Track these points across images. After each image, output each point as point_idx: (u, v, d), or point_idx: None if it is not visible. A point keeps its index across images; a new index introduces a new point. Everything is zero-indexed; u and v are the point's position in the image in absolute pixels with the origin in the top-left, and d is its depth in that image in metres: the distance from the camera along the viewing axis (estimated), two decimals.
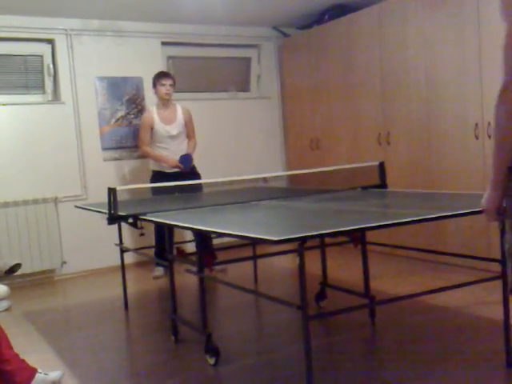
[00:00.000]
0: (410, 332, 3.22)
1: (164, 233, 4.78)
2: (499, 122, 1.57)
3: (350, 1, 5.50)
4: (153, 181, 5.00)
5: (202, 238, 4.65)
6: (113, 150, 5.57)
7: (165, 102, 5.04)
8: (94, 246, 5.46)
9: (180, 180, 4.31)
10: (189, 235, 5.04)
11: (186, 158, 5.02)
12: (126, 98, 5.63)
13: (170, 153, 5.00)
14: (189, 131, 5.16)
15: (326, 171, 4.08)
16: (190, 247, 5.21)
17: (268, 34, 6.39)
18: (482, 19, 4.13)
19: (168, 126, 5.01)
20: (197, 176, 5.06)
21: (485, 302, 3.56)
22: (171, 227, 3.26)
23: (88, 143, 5.47)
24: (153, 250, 4.96)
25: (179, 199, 4.05)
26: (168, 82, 4.99)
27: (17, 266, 4.65)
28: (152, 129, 5.01)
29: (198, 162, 5.60)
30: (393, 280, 4.34)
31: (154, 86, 5.05)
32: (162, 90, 4.97)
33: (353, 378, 2.67)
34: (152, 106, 5.17)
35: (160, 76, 5.03)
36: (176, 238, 4.82)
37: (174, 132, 5.03)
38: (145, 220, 3.07)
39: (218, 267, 5.04)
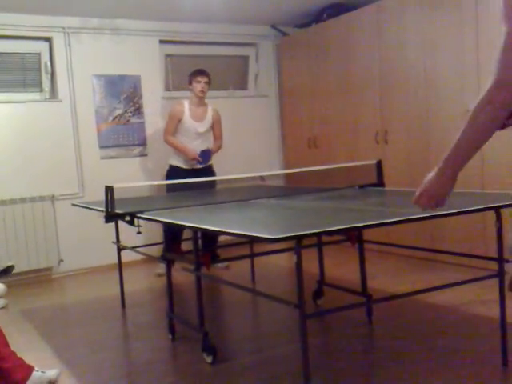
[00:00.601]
0: (407, 330, 3.22)
1: (173, 231, 4.83)
2: (481, 120, 1.45)
3: None
4: (169, 175, 5.07)
5: (206, 236, 4.70)
6: (110, 148, 5.57)
7: (199, 99, 5.07)
8: (91, 244, 5.46)
9: (195, 177, 4.38)
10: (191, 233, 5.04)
11: (206, 153, 5.08)
12: (124, 96, 5.62)
13: (192, 148, 5.04)
14: (216, 132, 5.23)
15: (323, 170, 4.08)
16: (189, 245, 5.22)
17: (266, 32, 6.39)
18: (480, 18, 4.13)
19: (197, 123, 5.05)
20: (212, 174, 5.10)
21: (482, 300, 3.56)
22: (173, 226, 3.26)
23: (85, 141, 5.46)
24: (150, 248, 4.94)
25: (177, 197, 4.05)
26: (203, 79, 5.03)
27: (10, 268, 4.63)
28: (180, 121, 5.04)
29: None
30: (390, 278, 4.35)
31: (190, 82, 5.08)
32: (198, 87, 5.01)
33: (350, 376, 2.67)
34: (185, 100, 5.17)
35: (196, 73, 5.06)
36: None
37: (202, 130, 5.07)
38: (142, 218, 3.06)
39: (220, 264, 5.06)
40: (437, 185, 1.62)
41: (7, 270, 4.61)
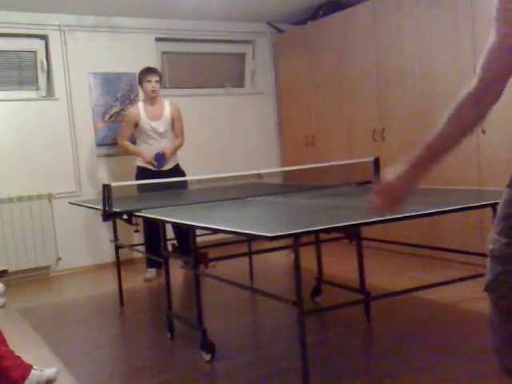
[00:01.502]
0: (405, 327, 3.23)
1: (155, 230, 4.75)
2: (465, 118, 1.39)
3: None
4: (137, 177, 4.89)
5: (183, 234, 4.63)
6: (107, 147, 5.56)
7: (151, 99, 4.89)
8: (89, 242, 5.45)
9: (164, 178, 4.28)
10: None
11: (159, 157, 4.86)
12: (120, 94, 5.61)
13: (154, 150, 4.87)
14: (176, 129, 5.00)
15: (320, 167, 4.09)
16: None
17: (262, 29, 6.38)
18: (476, 14, 4.13)
19: (154, 123, 4.87)
20: (181, 174, 4.92)
21: (479, 297, 3.57)
22: (164, 224, 3.25)
23: (82, 139, 5.45)
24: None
25: (173, 196, 4.04)
26: (154, 78, 4.85)
27: (2, 273, 4.60)
28: (137, 125, 4.88)
29: (193, 158, 5.61)
30: (388, 276, 4.35)
31: (140, 82, 4.93)
32: (148, 86, 4.83)
33: (348, 373, 2.67)
34: (138, 102, 5.06)
35: (146, 72, 4.88)
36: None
37: (161, 129, 4.89)
38: (139, 216, 3.06)
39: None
40: (401, 186, 1.50)
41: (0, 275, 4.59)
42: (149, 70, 4.90)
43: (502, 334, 1.55)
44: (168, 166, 4.94)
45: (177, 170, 4.96)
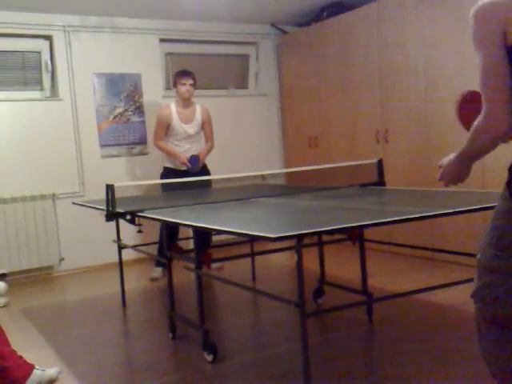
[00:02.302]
0: (408, 329, 3.23)
1: (170, 230, 4.78)
2: (478, 144, 1.60)
3: None
4: (163, 177, 4.97)
5: (201, 234, 4.66)
6: (111, 147, 5.57)
7: (185, 101, 4.94)
8: (92, 242, 5.46)
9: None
10: (187, 232, 5.05)
11: (194, 159, 4.94)
12: (124, 94, 5.62)
13: (184, 151, 4.95)
14: (206, 132, 5.10)
15: (324, 169, 4.08)
16: (188, 244, 5.23)
17: (266, 31, 6.38)
18: None
19: (186, 126, 4.94)
20: (207, 174, 4.98)
21: None
22: (173, 225, 3.26)
23: (86, 140, 5.46)
24: (151, 246, 4.94)
25: (178, 196, 4.05)
26: (189, 81, 4.89)
27: (2, 276, 4.60)
28: (169, 126, 4.93)
29: None
30: (390, 277, 4.35)
31: (175, 84, 4.96)
32: (183, 89, 4.88)
33: (350, 374, 2.67)
34: (171, 103, 5.04)
35: (180, 75, 4.93)
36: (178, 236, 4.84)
37: (192, 132, 4.97)
38: (143, 217, 3.07)
39: (214, 265, 5.05)
40: (454, 170, 1.81)
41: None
42: (184, 73, 4.94)
43: (487, 340, 1.55)
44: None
45: (204, 171, 5.04)
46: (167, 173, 4.99)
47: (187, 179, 4.46)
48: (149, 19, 5.68)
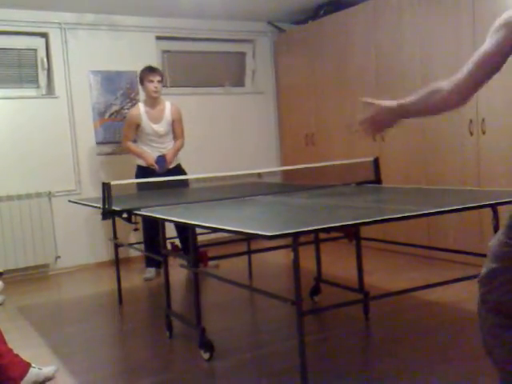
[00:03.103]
0: (404, 327, 3.23)
1: (155, 229, 4.71)
2: (431, 103, 1.65)
3: None
4: (137, 176, 4.89)
5: (183, 232, 4.61)
6: (107, 145, 5.56)
7: (153, 99, 4.80)
8: (88, 240, 5.45)
9: (164, 177, 4.25)
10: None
11: (161, 160, 4.83)
12: (121, 92, 5.61)
13: (155, 151, 4.84)
14: (176, 130, 4.93)
15: (320, 167, 4.08)
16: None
17: (263, 28, 6.38)
18: (477, 14, 4.13)
19: (155, 125, 4.81)
20: (182, 173, 4.90)
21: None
22: (164, 222, 3.25)
23: (82, 137, 5.45)
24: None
25: (173, 195, 4.04)
26: (156, 78, 4.74)
27: None
28: (138, 126, 4.82)
29: (192, 157, 5.61)
30: (387, 275, 4.36)
31: (142, 82, 4.82)
32: (150, 86, 4.73)
33: (347, 372, 2.67)
34: (140, 102, 4.97)
35: (147, 72, 4.77)
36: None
37: (162, 131, 4.85)
38: (139, 215, 3.06)
39: (210, 263, 5.04)
40: (384, 118, 1.86)
41: None
42: (150, 70, 4.80)
43: (489, 328, 1.58)
44: (171, 165, 4.93)
45: (178, 170, 4.93)
46: (140, 171, 4.91)
47: (182, 177, 4.46)
48: (145, 17, 5.66)
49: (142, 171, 4.87)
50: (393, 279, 4.22)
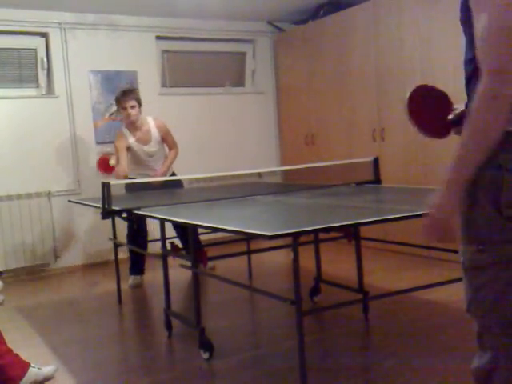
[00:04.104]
0: (404, 327, 3.23)
1: (138, 233, 4.60)
2: (488, 120, 1.20)
3: None
4: (127, 188, 4.62)
5: (186, 232, 4.58)
6: (107, 145, 5.55)
7: (134, 124, 4.48)
8: (88, 240, 5.45)
9: (163, 189, 4.22)
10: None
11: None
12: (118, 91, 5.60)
13: (147, 170, 4.61)
14: (169, 144, 4.69)
15: (320, 167, 4.09)
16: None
17: (263, 28, 6.38)
18: None
19: (145, 147, 4.56)
20: (177, 180, 4.72)
21: None
22: (164, 222, 3.25)
23: (82, 137, 5.45)
24: (148, 244, 4.93)
25: (172, 195, 4.04)
26: (128, 103, 4.39)
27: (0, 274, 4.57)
28: (129, 149, 4.52)
29: (192, 157, 5.61)
30: (386, 275, 4.35)
31: (118, 108, 4.59)
32: (124, 114, 4.45)
33: (346, 372, 2.67)
34: (123, 128, 4.60)
35: (119, 98, 4.45)
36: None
37: (153, 151, 4.59)
38: (139, 215, 3.06)
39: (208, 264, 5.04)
40: (445, 203, 1.32)
41: None
42: (122, 95, 4.45)
43: (497, 350, 1.42)
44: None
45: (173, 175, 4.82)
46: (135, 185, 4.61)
47: (178, 177, 4.46)
48: (145, 17, 5.66)
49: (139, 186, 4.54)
50: (392, 279, 4.22)
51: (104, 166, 5.34)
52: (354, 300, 3.27)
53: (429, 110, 1.62)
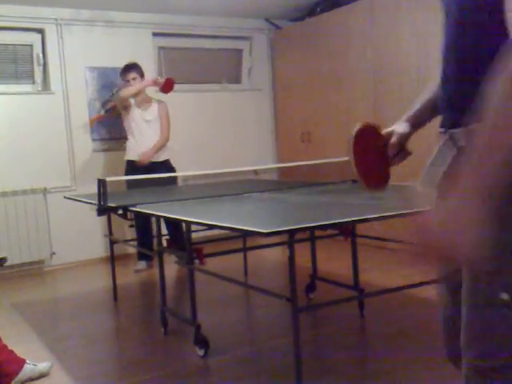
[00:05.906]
0: (399, 324, 3.24)
1: (147, 225, 4.74)
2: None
3: None
4: (126, 172, 4.90)
5: (174, 228, 4.65)
6: (103, 141, 5.54)
7: (138, 97, 4.93)
8: (83, 237, 5.44)
9: (152, 173, 4.27)
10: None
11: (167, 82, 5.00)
12: (116, 88, 5.58)
13: (140, 141, 4.93)
14: (162, 125, 4.97)
15: (316, 164, 4.09)
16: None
17: (260, 25, 6.37)
18: None
19: (144, 112, 4.94)
20: (170, 170, 4.91)
21: None
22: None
23: (78, 134, 5.43)
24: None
25: (167, 191, 4.04)
26: (130, 76, 4.89)
27: (2, 260, 4.59)
28: (127, 109, 4.95)
29: (189, 154, 5.61)
30: (382, 273, 4.36)
31: (123, 82, 5.00)
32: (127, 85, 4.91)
33: (341, 369, 2.68)
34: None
35: (121, 72, 4.95)
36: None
37: (148, 118, 4.94)
38: (135, 211, 3.06)
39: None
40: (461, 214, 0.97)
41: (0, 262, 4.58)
42: (124, 69, 4.93)
43: None
44: (158, 159, 4.93)
45: (166, 165, 4.94)
46: (129, 166, 4.95)
47: (173, 174, 4.46)
48: (142, 13, 5.64)
49: (131, 166, 4.89)
50: (388, 276, 4.23)
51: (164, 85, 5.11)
52: (350, 297, 3.28)
53: (371, 161, 1.47)
